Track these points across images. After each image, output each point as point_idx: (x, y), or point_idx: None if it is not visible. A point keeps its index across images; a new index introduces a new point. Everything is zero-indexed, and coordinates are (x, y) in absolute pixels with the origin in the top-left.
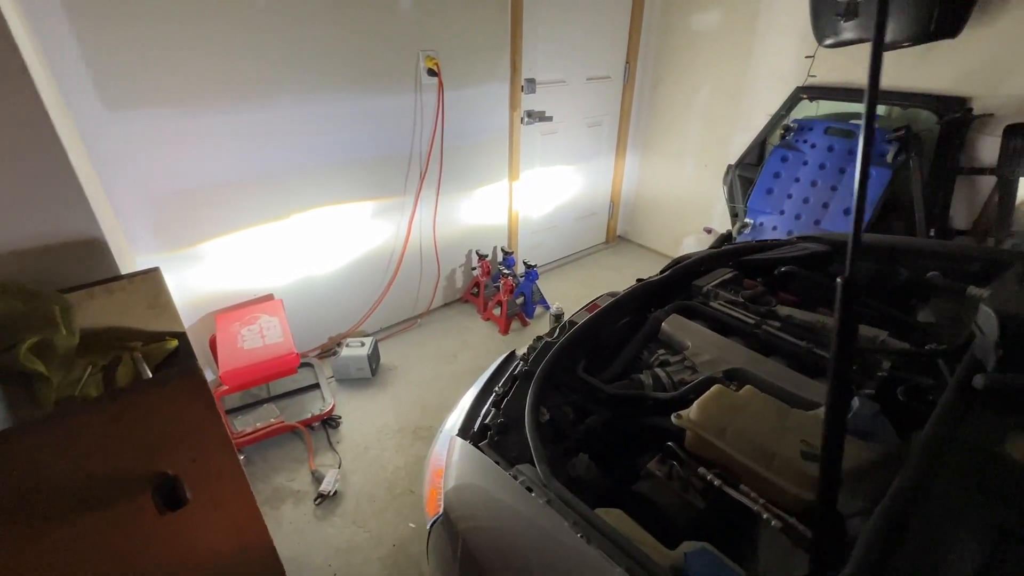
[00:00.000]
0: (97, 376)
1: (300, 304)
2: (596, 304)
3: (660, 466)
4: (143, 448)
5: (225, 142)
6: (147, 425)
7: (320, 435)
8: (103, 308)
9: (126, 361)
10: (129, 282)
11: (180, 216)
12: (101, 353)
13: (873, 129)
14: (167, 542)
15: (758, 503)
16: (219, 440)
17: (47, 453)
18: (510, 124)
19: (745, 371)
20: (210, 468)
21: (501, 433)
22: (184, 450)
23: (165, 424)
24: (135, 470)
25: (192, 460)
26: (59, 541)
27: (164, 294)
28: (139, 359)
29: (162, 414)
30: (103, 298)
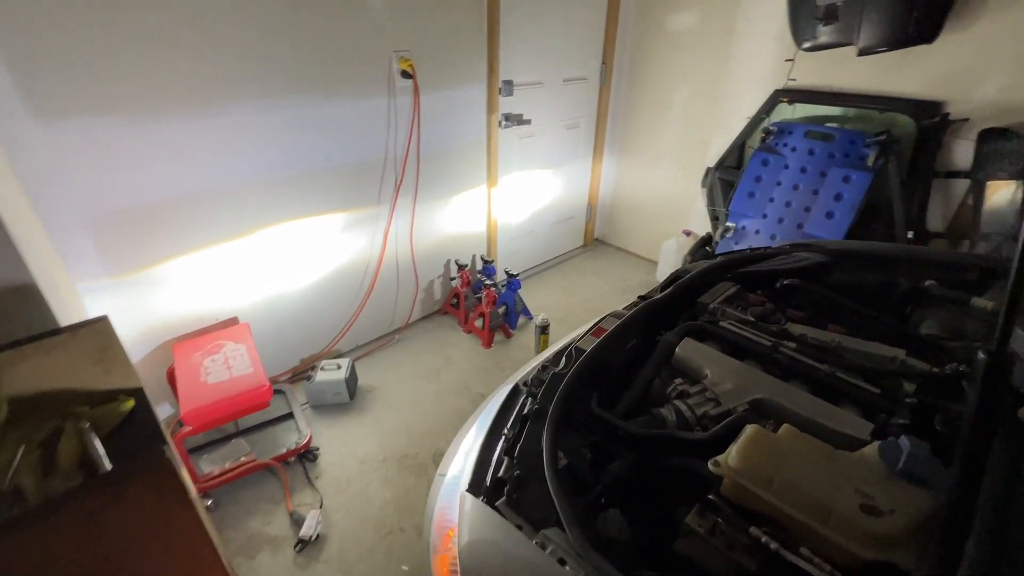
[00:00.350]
0: (33, 456)
1: (268, 326)
2: (602, 328)
3: (700, 520)
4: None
5: (178, 153)
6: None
7: (297, 471)
8: (37, 369)
9: (69, 433)
10: (71, 336)
11: (129, 236)
12: (36, 425)
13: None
14: None
15: (825, 570)
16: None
17: None
18: (488, 128)
19: (771, 402)
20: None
21: (519, 488)
22: (153, 553)
23: (123, 531)
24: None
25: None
26: None
27: (114, 345)
28: (85, 429)
29: (119, 519)
30: (36, 357)
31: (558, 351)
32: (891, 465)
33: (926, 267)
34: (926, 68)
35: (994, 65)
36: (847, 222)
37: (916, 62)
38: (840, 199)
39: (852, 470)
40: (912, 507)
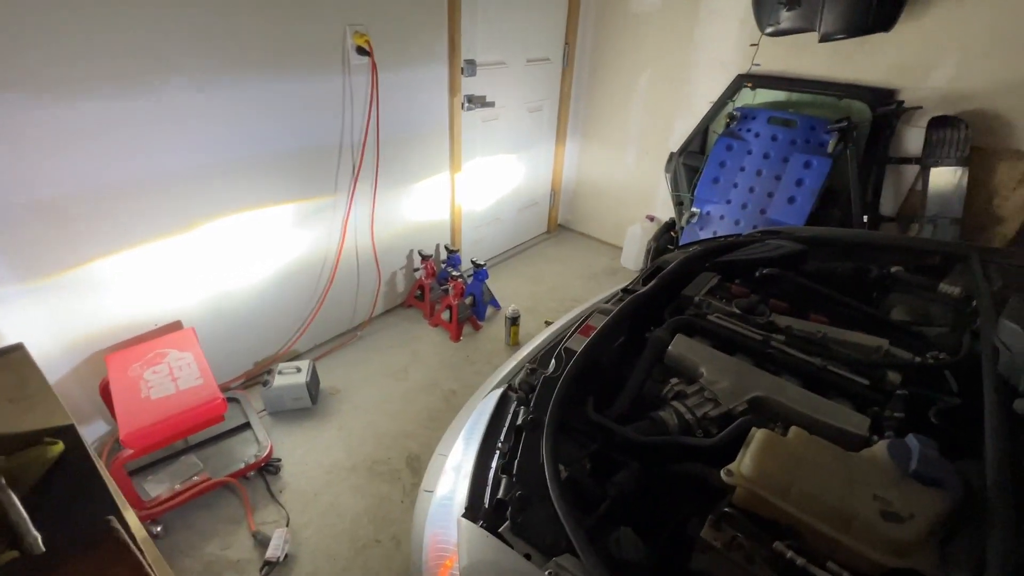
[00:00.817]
0: None
1: (216, 328)
2: (589, 325)
3: (716, 534)
4: None
5: (105, 137)
6: None
7: (258, 486)
8: None
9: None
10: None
11: (46, 234)
12: None
13: None
14: None
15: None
16: None
17: None
18: (450, 110)
19: (769, 400)
20: None
21: (522, 510)
22: None
23: None
24: None
25: None
26: None
27: (34, 379)
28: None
29: None
30: None
31: (544, 352)
32: (903, 466)
33: (891, 253)
34: (882, 56)
35: (944, 55)
36: (808, 207)
37: (873, 50)
38: (801, 184)
39: (865, 473)
40: (930, 510)
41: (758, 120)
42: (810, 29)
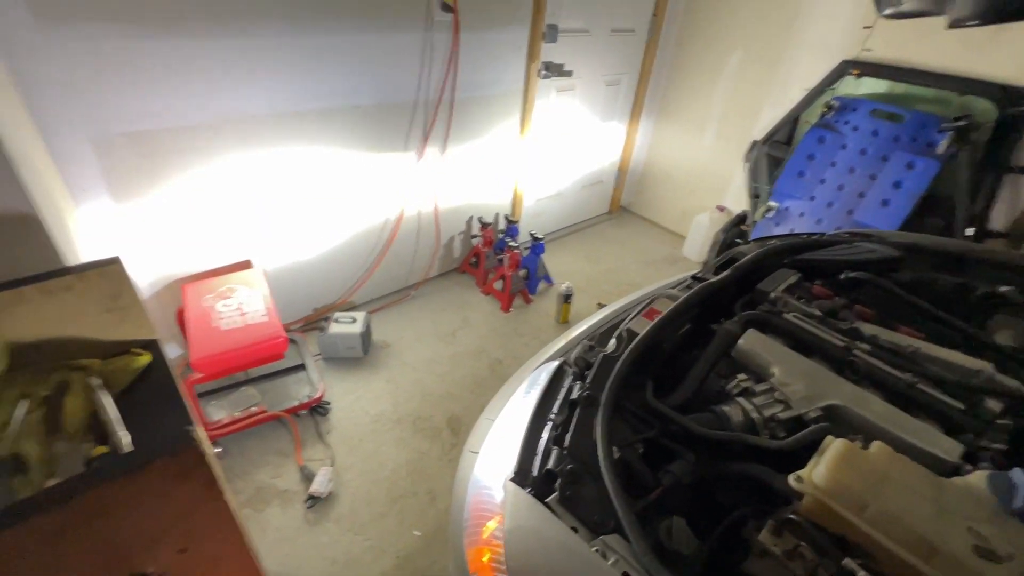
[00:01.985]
0: (36, 415)
1: (280, 270)
2: (654, 309)
3: (776, 540)
4: (114, 550)
5: (194, 75)
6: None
7: (308, 424)
8: (40, 314)
9: (76, 388)
10: (78, 278)
11: (138, 163)
12: (40, 379)
13: None
14: None
15: None
16: (219, 522)
17: None
18: (527, 77)
19: (847, 410)
20: (206, 558)
21: (572, 483)
22: (172, 541)
23: (145, 516)
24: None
25: (181, 551)
26: None
27: (127, 292)
28: (96, 385)
29: (140, 504)
30: (40, 300)
31: (604, 330)
32: (1005, 502)
33: (1003, 270)
34: (1022, 50)
35: None
36: (904, 212)
37: (1012, 41)
38: (900, 187)
39: (959, 503)
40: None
41: (859, 112)
42: (938, 12)
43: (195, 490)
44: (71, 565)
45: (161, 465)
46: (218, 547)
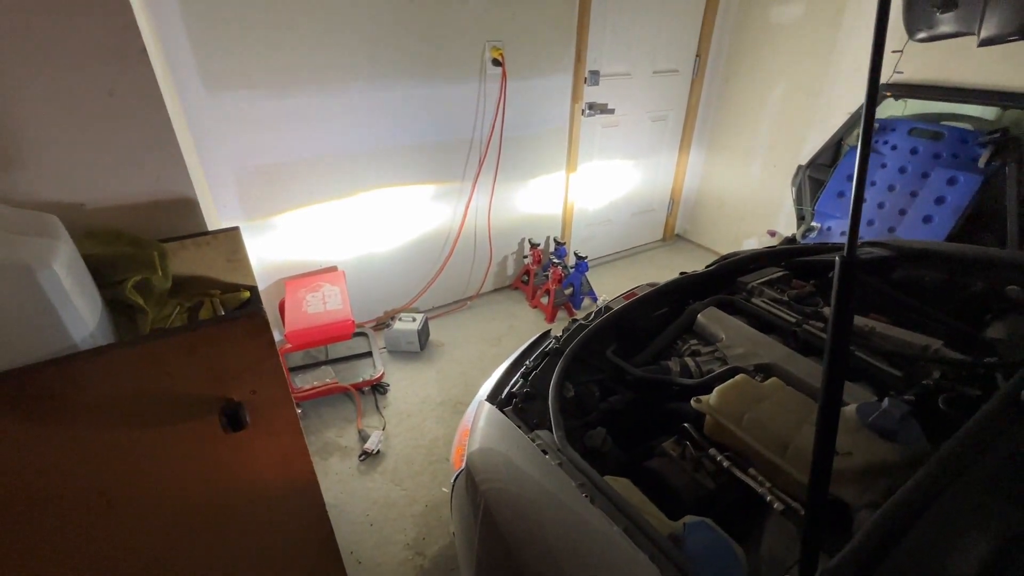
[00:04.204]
0: (183, 315)
1: (360, 277)
2: (634, 292)
3: (675, 446)
4: (213, 375)
5: (302, 123)
6: (217, 356)
7: (369, 399)
8: (191, 258)
9: (207, 305)
10: (214, 238)
11: (261, 189)
12: (188, 296)
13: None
14: (225, 461)
15: (764, 486)
16: (275, 377)
17: (139, 368)
18: (571, 116)
19: (776, 366)
20: (267, 401)
21: (526, 401)
22: (246, 381)
23: (232, 357)
24: (206, 393)
25: (252, 391)
26: (141, 443)
27: (241, 251)
28: (218, 304)
29: (230, 348)
30: (192, 250)
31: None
32: (863, 418)
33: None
34: None
35: None
36: (947, 227)
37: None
38: (942, 202)
39: None
40: (870, 453)
41: (898, 132)
42: (968, 32)
43: (261, 345)
44: (189, 372)
45: (242, 322)
46: (275, 395)
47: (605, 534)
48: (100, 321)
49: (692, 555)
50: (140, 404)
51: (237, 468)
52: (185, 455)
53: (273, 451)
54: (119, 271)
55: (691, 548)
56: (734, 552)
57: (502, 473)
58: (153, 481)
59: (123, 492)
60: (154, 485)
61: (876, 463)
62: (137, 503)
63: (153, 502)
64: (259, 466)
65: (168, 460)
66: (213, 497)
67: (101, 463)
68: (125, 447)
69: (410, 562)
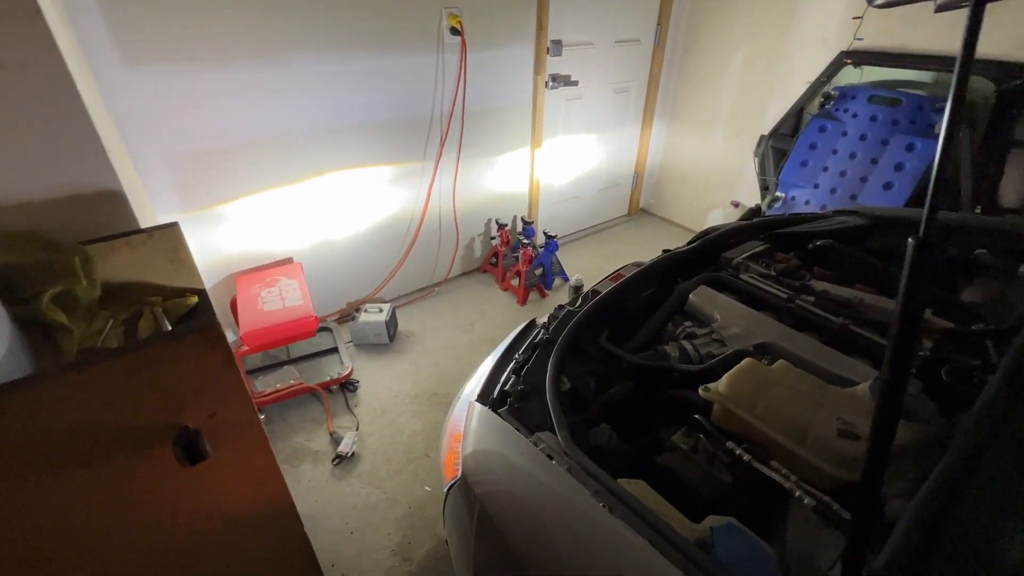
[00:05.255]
0: (119, 329)
1: (319, 268)
2: (620, 274)
3: (685, 439)
4: (163, 401)
5: (244, 100)
6: (166, 378)
7: (338, 398)
8: (124, 262)
9: (147, 315)
10: (149, 236)
11: (200, 175)
12: (122, 306)
13: (965, 85)
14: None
15: (790, 480)
16: (238, 394)
17: (69, 401)
18: (534, 88)
19: (776, 346)
20: (229, 422)
21: (521, 400)
22: (203, 404)
23: (184, 378)
24: (155, 423)
25: (211, 415)
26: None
27: (183, 249)
28: (159, 314)
29: (181, 367)
30: (124, 251)
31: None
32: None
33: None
34: (1013, 25)
35: None
36: (907, 193)
37: (1003, 19)
38: (901, 169)
39: (838, 402)
40: None
41: (857, 100)
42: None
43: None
44: (132, 400)
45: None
46: (238, 415)
47: (628, 545)
48: (11, 347)
49: (724, 562)
50: (74, 443)
51: (204, 498)
52: (141, 493)
53: (243, 476)
54: (33, 282)
55: (722, 554)
56: (767, 555)
57: (504, 481)
58: (106, 525)
59: (64, 544)
60: (108, 528)
61: (898, 445)
62: (87, 552)
63: (107, 547)
64: (229, 493)
65: (118, 502)
66: (178, 531)
67: (30, 516)
68: (60, 494)
69: (397, 569)
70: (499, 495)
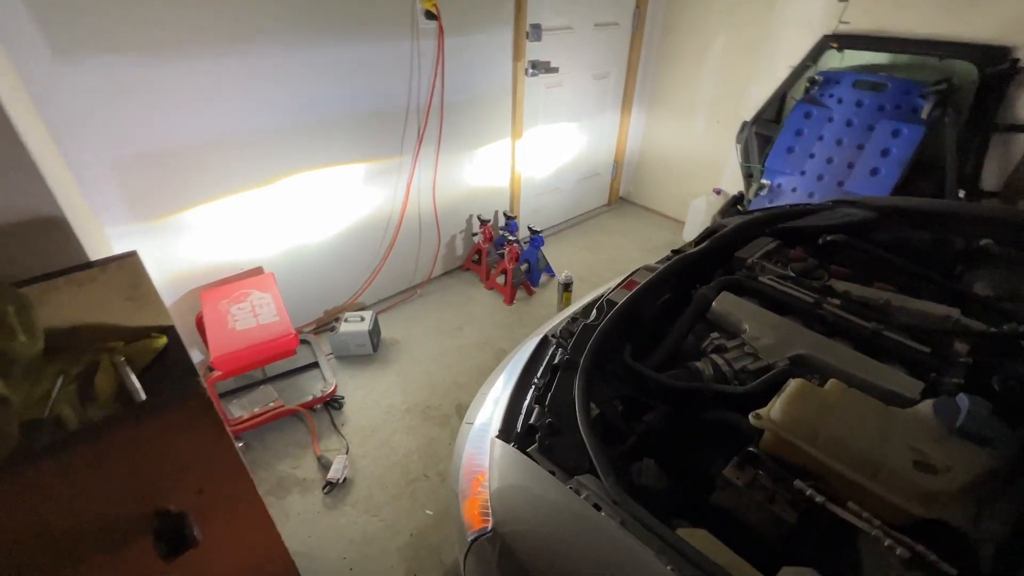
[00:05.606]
0: (71, 389)
1: (291, 276)
2: (633, 280)
3: (738, 473)
4: (138, 487)
5: (199, 96)
6: (142, 458)
7: (323, 417)
8: (71, 303)
9: (105, 367)
10: (101, 271)
11: (152, 182)
12: (73, 359)
13: None
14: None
15: (875, 525)
16: (229, 465)
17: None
18: (514, 76)
19: (813, 358)
20: (221, 497)
21: (551, 435)
22: (189, 481)
23: (164, 456)
24: (130, 512)
25: (199, 492)
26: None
27: (144, 282)
28: (121, 363)
29: (159, 445)
30: (69, 291)
31: (588, 304)
32: (948, 423)
33: (982, 225)
34: (997, 9)
35: None
36: (893, 179)
37: (987, 3)
38: (888, 154)
39: (904, 427)
40: (970, 466)
41: (842, 84)
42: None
43: (205, 435)
44: (107, 492)
45: (172, 411)
46: (231, 489)
47: None
48: None
49: None
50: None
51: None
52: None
53: (240, 556)
54: None
55: None
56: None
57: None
58: None
59: None
60: None
61: (980, 476)
62: None
63: None
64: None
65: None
66: None
67: None
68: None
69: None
70: (541, 553)
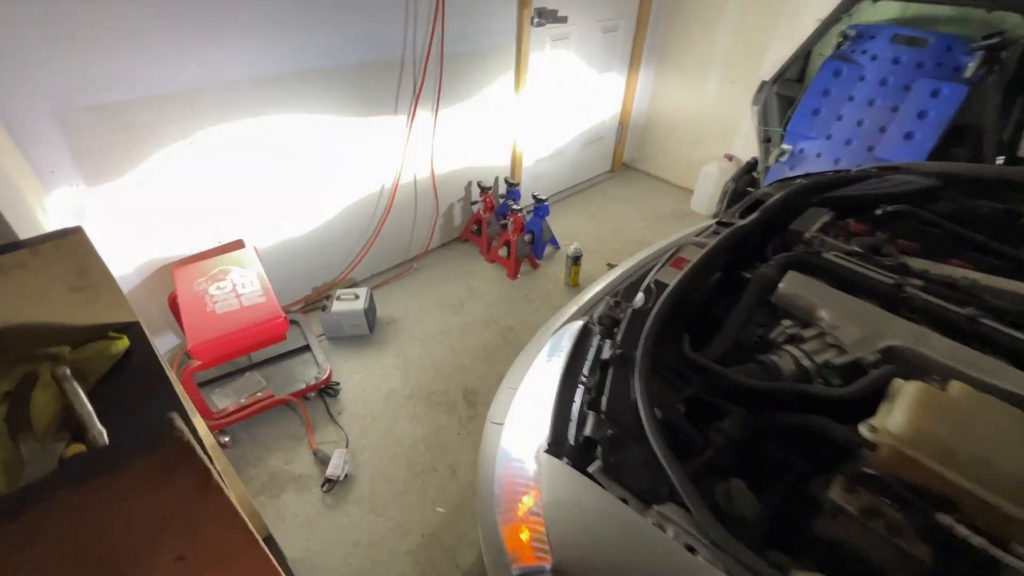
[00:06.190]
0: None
1: (275, 250)
2: (682, 258)
3: (849, 497)
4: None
5: (164, 38)
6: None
7: (317, 407)
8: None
9: (45, 380)
10: (31, 253)
11: (110, 139)
12: (2, 371)
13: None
14: None
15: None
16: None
17: None
18: (519, 25)
19: (910, 351)
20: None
21: (614, 451)
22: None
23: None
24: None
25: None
26: None
27: (95, 266)
28: (65, 376)
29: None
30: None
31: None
32: None
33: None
34: None
35: None
36: (930, 144)
37: None
38: (925, 117)
39: None
40: None
41: (878, 40)
42: None
43: (185, 486)
44: (58, 568)
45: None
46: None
47: None
48: None
49: None
50: None
51: None
52: None
53: None
54: None
55: None
56: None
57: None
58: None
59: None
60: None
61: None
62: None
63: None
64: None
65: None
66: None
67: None
68: None
69: None
70: None
